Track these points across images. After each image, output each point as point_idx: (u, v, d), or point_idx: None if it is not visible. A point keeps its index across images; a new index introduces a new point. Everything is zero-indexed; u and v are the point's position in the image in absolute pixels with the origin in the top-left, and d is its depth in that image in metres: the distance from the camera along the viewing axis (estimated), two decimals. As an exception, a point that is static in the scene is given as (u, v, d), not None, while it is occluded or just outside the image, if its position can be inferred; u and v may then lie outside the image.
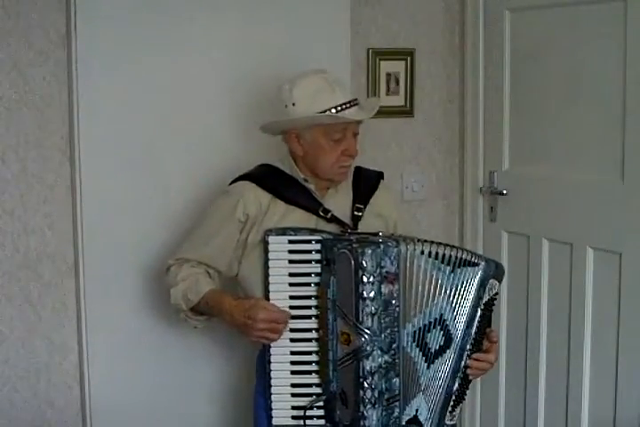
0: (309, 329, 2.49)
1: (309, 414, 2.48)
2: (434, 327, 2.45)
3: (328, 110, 2.52)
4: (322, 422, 2.49)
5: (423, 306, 2.43)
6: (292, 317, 2.47)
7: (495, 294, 2.52)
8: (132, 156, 2.99)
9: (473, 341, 2.48)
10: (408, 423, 2.45)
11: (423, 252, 2.43)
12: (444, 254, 2.44)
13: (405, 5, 3.48)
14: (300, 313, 2.48)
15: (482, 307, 2.48)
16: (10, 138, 2.89)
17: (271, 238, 2.49)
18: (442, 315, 2.45)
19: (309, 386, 2.50)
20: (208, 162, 3.06)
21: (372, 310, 2.37)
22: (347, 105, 2.54)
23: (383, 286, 2.38)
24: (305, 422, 2.47)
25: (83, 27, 2.87)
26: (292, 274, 2.49)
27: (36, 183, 2.94)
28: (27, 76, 2.88)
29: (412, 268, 2.42)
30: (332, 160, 2.57)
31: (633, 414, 2.94)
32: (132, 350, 3.04)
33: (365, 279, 2.37)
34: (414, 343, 2.44)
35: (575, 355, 3.13)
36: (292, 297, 2.49)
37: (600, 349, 3.06)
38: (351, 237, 2.47)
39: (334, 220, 2.60)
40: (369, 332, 2.38)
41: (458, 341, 2.46)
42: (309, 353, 2.49)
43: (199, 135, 3.06)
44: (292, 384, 2.50)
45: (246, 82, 3.07)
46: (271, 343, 2.49)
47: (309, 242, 2.47)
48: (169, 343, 3.07)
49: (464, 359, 2.48)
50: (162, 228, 3.02)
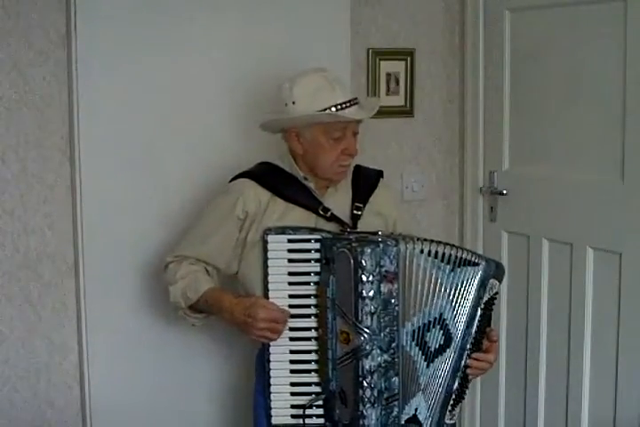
0: (309, 328, 2.49)
1: (309, 412, 2.48)
2: (433, 327, 2.44)
3: (328, 109, 2.52)
4: (321, 421, 2.49)
5: (423, 305, 2.43)
6: (291, 315, 2.47)
7: (495, 293, 2.52)
8: (132, 156, 2.98)
9: (473, 340, 2.48)
10: (407, 423, 2.45)
11: (423, 251, 2.43)
12: (443, 253, 2.44)
13: (405, 5, 3.48)
14: (300, 312, 2.48)
15: (482, 306, 2.48)
16: (10, 138, 2.89)
17: (270, 237, 2.49)
18: (441, 314, 2.44)
19: (309, 385, 2.49)
20: (208, 162, 3.05)
21: (372, 309, 2.37)
22: (347, 104, 2.54)
23: (382, 285, 2.38)
24: (304, 421, 2.47)
25: (83, 27, 2.87)
26: (291, 273, 2.48)
27: (36, 183, 2.94)
28: (27, 76, 2.88)
29: (411, 267, 2.42)
30: (332, 159, 2.57)
31: (633, 414, 2.94)
32: (132, 350, 3.04)
33: (365, 278, 2.37)
34: (414, 342, 2.43)
35: (575, 355, 3.13)
36: (291, 296, 2.49)
37: (600, 349, 3.05)
38: (350, 236, 2.47)
39: (334, 218, 2.60)
40: (368, 331, 2.38)
41: (458, 340, 2.46)
42: (309, 352, 2.49)
43: (199, 135, 3.06)
44: (292, 383, 2.50)
45: (246, 82, 3.07)
46: (270, 342, 2.49)
47: (309, 241, 2.47)
48: (168, 343, 3.07)
49: (464, 359, 2.48)
50: (162, 227, 3.02)
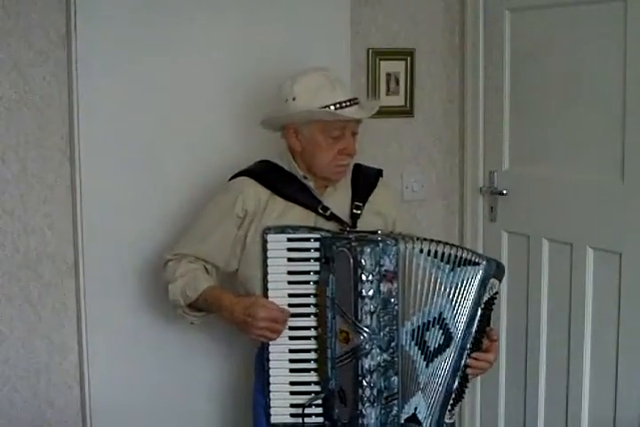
0: (308, 327, 2.49)
1: (308, 411, 2.48)
2: (433, 326, 2.44)
3: (327, 107, 2.52)
4: (320, 420, 2.49)
5: (422, 304, 2.43)
6: (290, 315, 2.47)
7: (495, 293, 2.51)
8: (132, 156, 2.99)
9: (473, 340, 2.47)
10: (407, 422, 2.45)
11: (422, 250, 2.42)
12: (443, 253, 2.43)
13: (405, 5, 3.48)
14: (299, 311, 2.48)
15: (482, 306, 2.47)
16: (10, 138, 2.89)
17: (270, 237, 2.49)
18: (441, 313, 2.44)
19: (308, 384, 2.49)
20: (208, 162, 3.05)
21: (371, 308, 2.37)
22: (346, 103, 2.54)
23: (382, 284, 2.38)
24: (303, 420, 2.47)
25: (83, 27, 2.87)
26: (290, 272, 2.48)
27: (36, 183, 2.94)
28: (27, 76, 2.88)
29: (410, 266, 2.42)
30: (329, 158, 2.57)
31: (633, 414, 2.93)
32: (132, 350, 3.04)
33: (364, 278, 2.37)
34: (413, 342, 2.43)
35: (575, 355, 3.13)
36: (290, 295, 2.49)
37: (600, 349, 3.05)
38: (350, 235, 2.47)
39: (333, 218, 2.60)
40: (368, 330, 2.38)
41: (458, 340, 2.46)
42: (308, 351, 2.49)
43: (199, 135, 3.06)
44: (291, 382, 2.50)
45: (246, 82, 3.07)
46: (270, 341, 2.49)
47: (308, 240, 2.47)
48: (168, 342, 3.07)
49: (464, 358, 2.48)
50: (162, 227, 3.02)
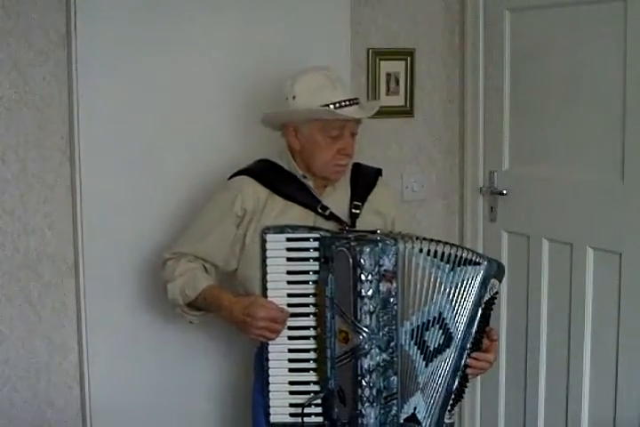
0: (307, 327, 2.48)
1: (307, 411, 2.48)
2: (432, 326, 2.44)
3: (327, 106, 2.52)
4: (320, 420, 2.49)
5: (422, 304, 2.43)
6: (290, 314, 2.47)
7: (495, 293, 2.51)
8: (132, 156, 2.98)
9: (473, 340, 2.47)
10: (406, 421, 2.45)
11: (422, 250, 2.42)
12: (443, 252, 2.43)
13: (405, 5, 3.48)
14: (298, 311, 2.48)
15: (483, 306, 2.47)
16: (10, 138, 2.89)
17: (269, 236, 2.49)
18: (441, 313, 2.44)
19: (307, 384, 2.49)
20: (208, 162, 3.05)
21: (370, 308, 2.37)
22: (346, 103, 2.55)
23: (381, 284, 2.38)
24: (303, 420, 2.47)
25: (83, 27, 2.87)
26: (289, 272, 2.48)
27: (36, 183, 2.94)
28: (27, 76, 2.88)
29: (410, 266, 2.41)
30: (328, 158, 2.57)
31: (633, 414, 2.93)
32: (132, 350, 3.04)
33: (363, 277, 2.37)
34: (412, 342, 2.43)
35: (575, 355, 3.13)
36: (289, 295, 2.49)
37: (600, 349, 3.05)
38: (349, 234, 2.46)
39: (332, 217, 2.60)
40: (367, 330, 2.38)
41: (458, 340, 2.45)
42: (307, 351, 2.49)
43: (199, 135, 3.06)
44: (290, 382, 2.50)
45: (246, 82, 3.07)
46: (269, 341, 2.49)
47: (307, 240, 2.47)
48: (168, 342, 3.06)
49: (464, 358, 2.47)
50: (162, 227, 3.01)
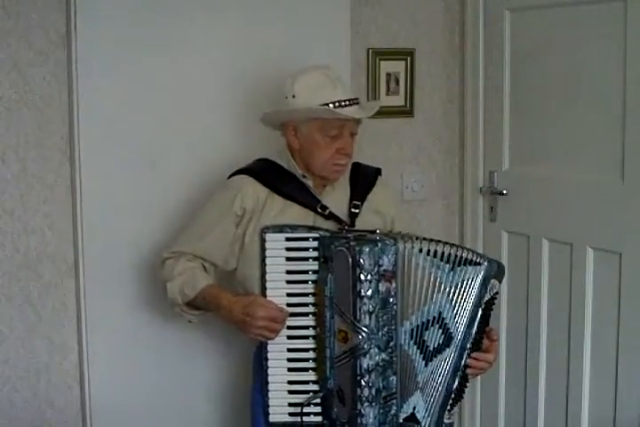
0: (307, 326, 2.48)
1: (306, 410, 2.48)
2: (432, 326, 2.44)
3: (327, 105, 2.52)
4: (319, 420, 2.49)
5: (421, 304, 2.43)
6: (289, 314, 2.47)
7: (495, 293, 2.51)
8: (132, 156, 2.98)
9: (473, 340, 2.47)
10: (406, 421, 2.45)
11: (421, 250, 2.42)
12: (442, 252, 2.43)
13: (405, 5, 3.48)
14: (298, 310, 2.48)
15: (483, 306, 2.47)
16: (10, 138, 2.89)
17: (268, 236, 2.49)
18: (440, 313, 2.44)
19: (306, 383, 2.49)
20: (208, 162, 3.05)
21: (370, 308, 2.37)
22: (346, 102, 2.55)
23: (381, 284, 2.38)
24: (302, 419, 2.47)
25: (83, 27, 2.87)
26: (289, 271, 2.48)
27: (36, 183, 2.94)
28: (27, 76, 2.88)
29: (409, 266, 2.41)
30: (326, 157, 2.57)
31: (633, 414, 2.93)
32: (132, 350, 3.04)
33: (363, 277, 2.37)
34: (412, 341, 2.43)
35: (575, 355, 3.13)
36: (289, 294, 2.48)
37: (600, 349, 3.05)
38: (349, 234, 2.46)
39: (332, 217, 2.60)
40: (366, 330, 2.38)
41: (458, 339, 2.45)
42: (306, 350, 2.49)
43: (199, 135, 3.06)
44: (289, 381, 2.50)
45: (246, 81, 3.07)
46: (268, 340, 2.49)
47: (307, 239, 2.47)
48: (168, 342, 3.06)
49: (464, 358, 2.47)
50: (162, 228, 3.01)
